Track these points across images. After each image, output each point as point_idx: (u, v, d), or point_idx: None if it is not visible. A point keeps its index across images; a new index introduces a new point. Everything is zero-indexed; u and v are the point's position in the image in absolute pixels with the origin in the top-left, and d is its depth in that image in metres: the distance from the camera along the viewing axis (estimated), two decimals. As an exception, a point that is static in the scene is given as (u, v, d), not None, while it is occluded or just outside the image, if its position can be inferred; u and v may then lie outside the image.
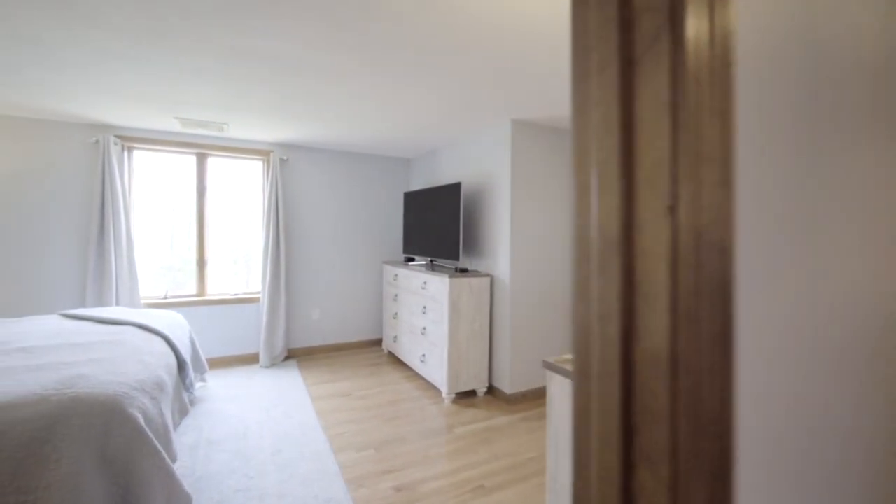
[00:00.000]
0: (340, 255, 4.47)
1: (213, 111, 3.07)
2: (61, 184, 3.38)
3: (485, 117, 3.11)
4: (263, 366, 3.88)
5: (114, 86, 2.55)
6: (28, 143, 3.28)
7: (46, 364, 1.77)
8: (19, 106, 2.97)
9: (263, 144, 4.08)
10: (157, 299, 3.73)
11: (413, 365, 3.67)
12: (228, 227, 4.12)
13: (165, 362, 2.09)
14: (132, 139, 3.61)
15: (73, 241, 3.41)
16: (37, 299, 3.30)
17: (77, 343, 2.07)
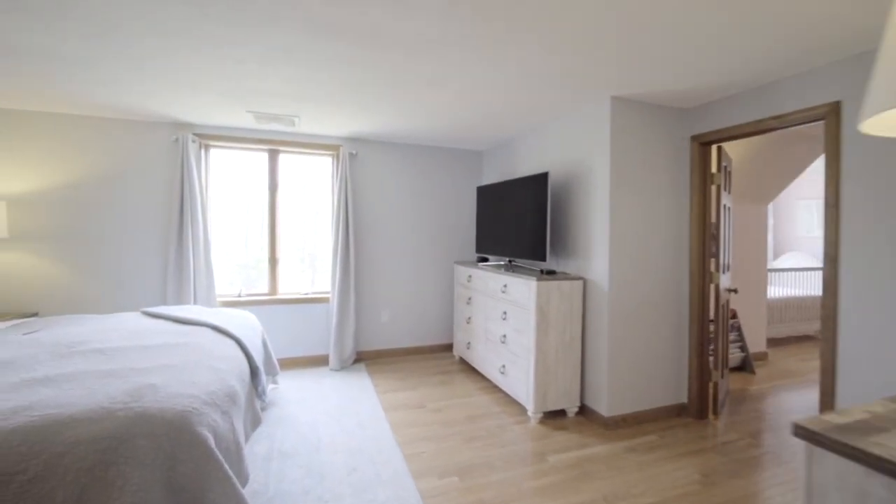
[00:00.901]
0: (409, 253, 4.23)
1: (284, 102, 2.93)
2: (146, 182, 3.43)
3: (578, 96, 2.68)
4: (333, 368, 3.73)
5: (189, 77, 2.46)
6: (116, 143, 3.36)
7: (117, 370, 1.64)
8: (108, 107, 3.01)
9: (333, 139, 3.94)
10: (231, 297, 3.71)
11: (490, 376, 3.32)
12: (298, 225, 4.03)
13: (238, 369, 1.91)
14: (209, 137, 3.60)
15: (155, 239, 3.46)
16: (123, 295, 3.38)
17: (151, 345, 1.96)
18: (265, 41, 1.99)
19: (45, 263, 3.20)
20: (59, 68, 2.33)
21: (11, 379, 1.56)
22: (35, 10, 1.72)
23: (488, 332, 3.36)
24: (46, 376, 1.57)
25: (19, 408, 1.31)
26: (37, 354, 1.82)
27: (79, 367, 1.67)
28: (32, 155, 3.16)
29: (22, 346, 1.93)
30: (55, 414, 1.28)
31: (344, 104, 2.95)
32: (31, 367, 1.69)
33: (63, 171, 3.23)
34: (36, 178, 3.18)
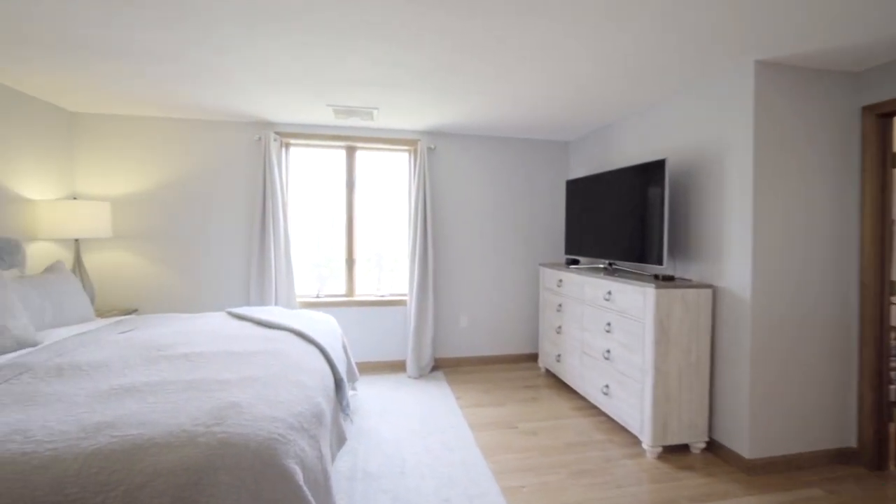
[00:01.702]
0: (490, 254, 3.92)
1: (364, 93, 2.75)
2: (231, 183, 3.46)
3: (709, 64, 2.19)
4: (411, 376, 3.52)
5: (269, 69, 2.34)
6: (204, 144, 3.41)
7: (201, 381, 1.50)
8: (197, 108, 3.04)
9: (410, 133, 3.74)
10: (309, 298, 3.64)
11: (588, 395, 2.90)
12: (374, 224, 3.88)
13: (323, 383, 1.72)
14: (289, 135, 3.56)
15: (239, 239, 3.47)
16: (210, 294, 3.43)
17: (235, 352, 1.82)
18: (351, 16, 1.78)
19: (143, 262, 3.33)
20: (152, 65, 2.32)
21: (101, 385, 1.47)
22: (140, 6, 1.65)
23: (585, 344, 2.94)
24: (133, 385, 1.47)
25: (102, 424, 1.18)
26: (128, 357, 1.75)
27: (164, 375, 1.56)
28: (131, 158, 3.29)
29: (117, 347, 1.89)
30: (135, 436, 1.13)
31: (426, 91, 2.70)
32: (122, 371, 1.61)
33: (157, 172, 3.34)
34: (134, 180, 3.31)
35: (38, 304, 2.17)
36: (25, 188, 2.77)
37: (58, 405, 1.32)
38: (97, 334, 2.09)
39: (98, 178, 3.25)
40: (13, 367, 1.60)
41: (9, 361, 1.66)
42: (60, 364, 1.65)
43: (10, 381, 1.49)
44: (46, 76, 2.47)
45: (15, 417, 1.23)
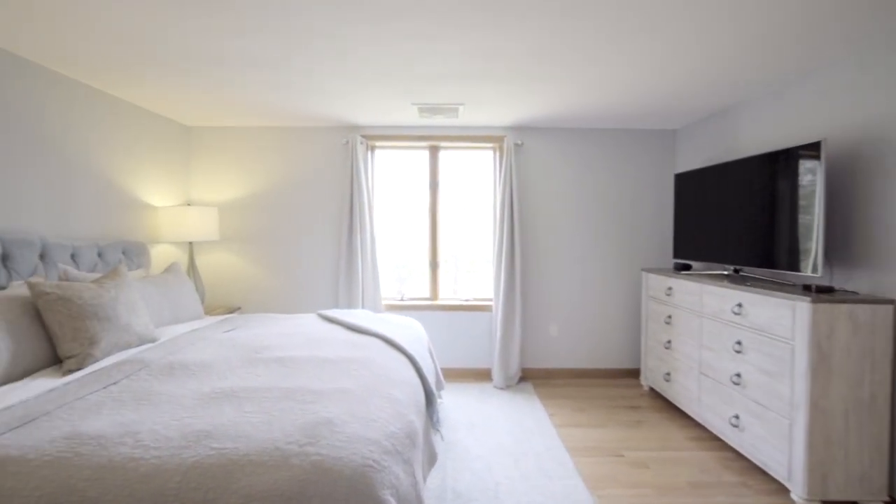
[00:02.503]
0: (583, 257, 3.58)
1: (450, 88, 2.62)
2: (320, 186, 3.55)
3: (884, 18, 1.69)
4: (497, 386, 3.33)
5: (359, 68, 2.30)
6: (296, 150, 3.54)
7: (295, 390, 1.45)
8: (290, 115, 3.15)
9: (496, 129, 3.55)
10: (393, 301, 3.61)
11: (709, 423, 2.47)
12: (457, 225, 3.76)
13: (415, 398, 1.60)
14: (374, 137, 3.56)
15: (329, 241, 3.55)
16: (303, 295, 3.55)
17: (326, 358, 1.78)
18: (432, 15, 1.63)
19: (245, 263, 3.54)
20: (255, 75, 2.41)
21: (205, 387, 1.49)
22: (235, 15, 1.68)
23: (705, 365, 2.51)
24: (232, 389, 1.46)
25: (202, 433, 1.16)
26: (230, 359, 1.78)
27: (260, 381, 1.54)
28: (235, 166, 3.53)
29: (221, 347, 1.95)
30: (231, 451, 1.08)
31: (516, 82, 2.49)
32: (223, 373, 1.63)
33: (256, 179, 3.53)
34: (237, 186, 3.54)
35: (158, 302, 2.36)
36: (150, 196, 3.07)
37: (166, 406, 1.34)
38: (204, 333, 2.20)
39: (208, 186, 3.53)
40: (134, 362, 1.70)
41: (131, 357, 1.77)
42: (172, 362, 1.72)
43: (130, 378, 1.58)
44: (164, 93, 2.69)
45: (129, 417, 1.26)
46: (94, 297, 1.82)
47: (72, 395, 1.41)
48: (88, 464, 1.05)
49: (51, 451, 1.09)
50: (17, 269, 1.97)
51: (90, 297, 1.80)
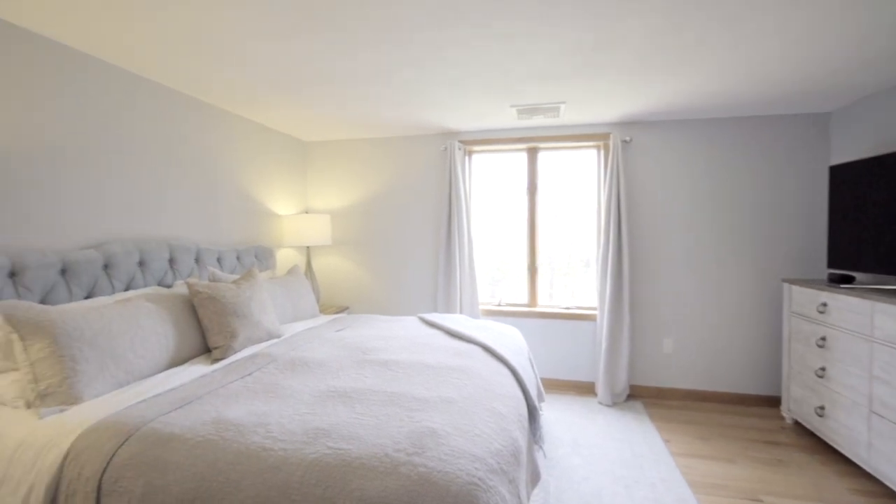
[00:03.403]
0: (705, 264, 3.16)
1: (551, 87, 2.50)
2: (420, 193, 3.67)
3: None
4: (603, 403, 3.10)
5: (458, 73, 2.31)
6: (398, 158, 3.70)
7: (400, 395, 1.49)
8: (392, 125, 3.31)
9: (600, 126, 3.31)
10: (491, 307, 3.58)
11: (885, 476, 1.98)
12: (553, 229, 3.59)
13: (518, 412, 1.54)
14: (471, 142, 3.57)
15: (428, 246, 3.65)
16: (404, 299, 3.70)
17: (428, 365, 1.81)
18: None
19: (353, 266, 3.81)
20: (366, 89, 2.56)
21: (321, 385, 1.61)
22: (343, 37, 1.80)
23: (879, 402, 2.02)
24: (344, 389, 1.55)
25: (320, 431, 1.24)
26: (341, 358, 1.91)
27: (368, 383, 1.62)
28: (344, 176, 3.81)
29: (333, 346, 2.11)
30: (345, 452, 1.14)
31: (626, 73, 2.28)
32: (336, 372, 1.75)
33: (362, 187, 3.77)
34: (347, 195, 3.82)
35: (282, 301, 2.64)
36: (275, 205, 3.46)
37: (290, 401, 1.47)
38: (319, 331, 2.40)
39: (322, 195, 3.87)
40: (264, 356, 1.91)
41: (261, 351, 2.00)
42: (294, 358, 1.90)
43: (261, 370, 1.77)
44: (284, 112, 3.00)
45: (261, 408, 1.41)
46: (233, 297, 2.09)
47: (216, 383, 1.62)
48: (231, 448, 1.19)
49: (203, 432, 1.26)
50: (180, 270, 2.36)
51: (231, 297, 2.08)
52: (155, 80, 2.35)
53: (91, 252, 1.92)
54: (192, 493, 1.10)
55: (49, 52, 1.86)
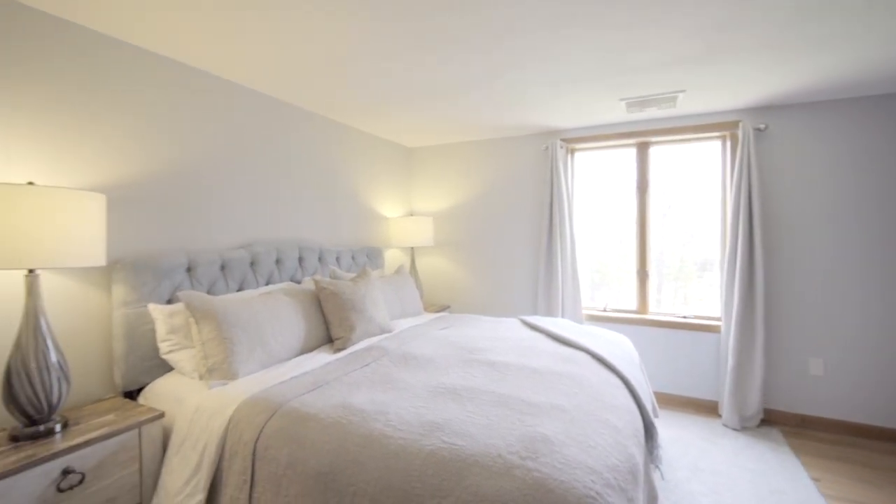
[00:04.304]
0: (865, 272, 2.62)
1: (666, 75, 2.30)
2: (520, 194, 3.63)
3: None
4: (729, 425, 2.75)
5: (562, 75, 2.23)
6: (497, 160, 3.71)
7: (508, 397, 1.49)
8: (493, 127, 3.33)
9: (727, 114, 2.95)
10: (595, 311, 3.40)
11: None
12: (667, 230, 3.28)
13: (633, 427, 1.44)
14: (574, 140, 3.44)
15: (528, 248, 3.60)
16: (503, 300, 3.70)
17: (535, 368, 1.78)
18: None
19: (453, 266, 3.93)
20: (467, 96, 2.63)
21: (431, 381, 1.69)
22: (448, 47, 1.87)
23: None
24: (454, 387, 1.61)
25: (434, 425, 1.30)
26: (448, 356, 1.98)
27: (476, 382, 1.65)
28: (445, 179, 3.94)
29: (439, 344, 2.20)
30: (459, 449, 1.18)
31: (767, 47, 1.98)
32: (444, 370, 1.82)
33: (463, 190, 3.86)
34: (448, 197, 3.94)
35: (391, 298, 2.82)
36: (384, 208, 3.71)
37: (405, 393, 1.57)
38: (425, 328, 2.52)
39: (425, 198, 4.05)
40: (378, 349, 2.07)
41: (375, 344, 2.16)
42: (405, 353, 2.02)
43: (377, 362, 1.92)
44: (391, 121, 3.20)
45: (380, 398, 1.53)
46: (352, 293, 2.30)
47: (340, 371, 1.80)
48: (357, 431, 1.31)
49: (333, 415, 1.40)
50: (307, 268, 2.67)
51: (350, 293, 2.29)
52: (292, 102, 2.69)
53: (242, 252, 2.27)
54: (327, 468, 1.24)
55: (208, 83, 2.25)
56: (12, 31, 1.55)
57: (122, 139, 1.87)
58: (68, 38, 1.70)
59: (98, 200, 1.50)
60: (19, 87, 1.57)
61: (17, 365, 1.37)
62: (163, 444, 1.61)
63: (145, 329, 1.82)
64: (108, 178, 1.82)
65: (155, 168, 1.99)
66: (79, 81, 1.73)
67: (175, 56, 2.03)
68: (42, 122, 1.63)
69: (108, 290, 1.81)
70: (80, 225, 1.42)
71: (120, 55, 1.86)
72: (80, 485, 1.37)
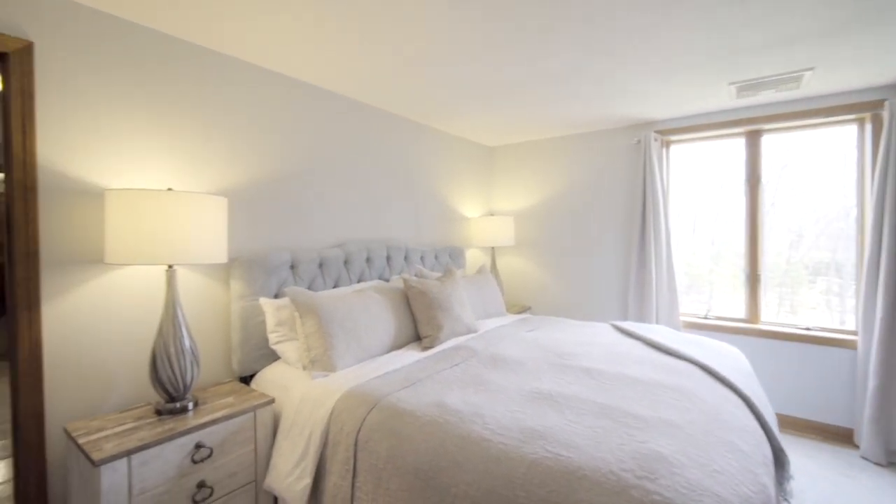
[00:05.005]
0: None
1: (791, 51, 2.01)
2: (607, 191, 3.42)
3: None
4: (869, 458, 2.34)
5: (665, 60, 2.04)
6: (581, 156, 3.53)
7: (611, 408, 1.39)
8: (579, 122, 3.17)
9: (866, 93, 2.51)
10: (695, 318, 3.10)
11: None
12: (776, 230, 2.88)
13: (762, 454, 1.27)
14: (670, 131, 3.16)
15: (617, 248, 3.39)
16: (589, 303, 3.52)
17: (636, 378, 1.65)
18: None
19: (534, 267, 3.82)
20: (548, 91, 2.53)
21: (524, 385, 1.64)
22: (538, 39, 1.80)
23: None
24: (549, 393, 1.54)
25: (535, 433, 1.26)
26: (538, 359, 1.92)
27: (573, 389, 1.57)
28: (527, 178, 3.84)
29: (527, 346, 2.14)
30: (566, 460, 1.12)
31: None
32: (536, 374, 1.76)
33: (545, 188, 3.73)
34: (529, 196, 3.84)
35: (475, 298, 2.81)
36: (464, 208, 3.72)
37: (499, 396, 1.53)
38: (511, 330, 2.47)
39: (505, 197, 3.99)
40: (466, 349, 2.06)
41: (462, 344, 2.16)
42: (494, 354, 1.99)
43: (466, 362, 1.91)
44: (473, 121, 3.18)
45: (473, 399, 1.51)
46: (439, 292, 2.32)
47: (431, 369, 1.82)
48: (454, 432, 1.30)
49: (429, 413, 1.42)
50: (394, 266, 2.75)
51: (437, 292, 2.31)
52: (376, 105, 2.79)
53: (337, 250, 2.40)
54: (426, 465, 1.25)
55: (304, 91, 2.40)
56: (150, 56, 1.78)
57: (235, 146, 2.07)
58: (192, 58, 1.91)
59: (221, 203, 1.66)
60: (158, 107, 1.80)
61: (160, 349, 1.57)
62: (273, 427, 1.75)
63: (257, 321, 2.00)
64: (225, 182, 2.03)
65: (262, 172, 2.18)
66: (197, 94, 1.93)
67: (278, 69, 2.19)
68: (175, 134, 1.85)
69: (226, 284, 2.01)
70: (209, 225, 1.59)
71: (231, 70, 2.05)
72: (209, 458, 1.53)
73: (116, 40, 1.68)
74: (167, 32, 1.81)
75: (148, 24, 1.75)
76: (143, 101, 1.75)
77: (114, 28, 1.67)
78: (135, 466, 1.35)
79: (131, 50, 1.72)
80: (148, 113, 1.76)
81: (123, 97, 1.70)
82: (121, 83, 1.69)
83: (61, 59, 1.55)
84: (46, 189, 1.52)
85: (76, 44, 1.58)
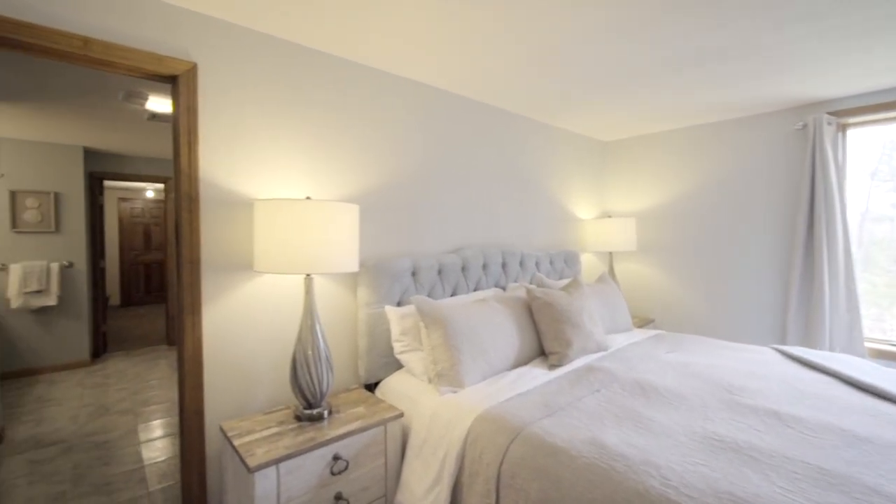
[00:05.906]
0: None
1: None
2: (756, 186, 2.89)
3: None
4: None
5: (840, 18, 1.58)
6: (719, 148, 3.03)
7: (838, 477, 1.07)
8: (715, 108, 2.70)
9: None
10: (886, 345, 2.47)
11: None
12: None
13: None
14: (849, 112, 2.55)
15: (766, 254, 2.85)
16: (731, 319, 3.01)
17: (856, 435, 1.28)
18: None
19: (658, 274, 3.39)
20: (679, 76, 2.16)
21: (693, 426, 1.37)
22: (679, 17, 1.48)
23: None
24: (735, 442, 1.26)
25: (736, 499, 0.99)
26: (701, 394, 1.62)
27: (767, 441, 1.26)
28: (648, 174, 3.41)
29: (678, 373, 1.84)
30: (806, 552, 0.85)
31: None
32: (703, 412, 1.47)
33: (673, 185, 3.28)
34: (653, 194, 3.41)
35: (599, 311, 2.53)
36: (577, 209, 3.43)
37: (666, 440, 1.29)
38: (648, 349, 2.17)
39: (622, 197, 3.61)
40: (602, 372, 1.83)
41: (594, 364, 1.92)
42: (639, 381, 1.73)
43: (608, 388, 1.68)
44: (585, 114, 2.87)
45: (635, 440, 1.28)
46: (567, 304, 2.10)
47: (570, 395, 1.62)
48: (626, 485, 1.10)
49: (585, 453, 1.22)
50: (509, 273, 2.59)
51: (565, 304, 2.10)
52: (491, 103, 2.64)
53: (454, 256, 2.31)
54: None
55: (419, 91, 2.33)
56: (293, 69, 1.82)
57: (362, 153, 2.06)
58: (328, 67, 1.93)
59: (354, 210, 1.63)
60: (300, 116, 1.84)
61: (300, 355, 1.58)
62: (402, 441, 1.69)
63: (382, 329, 1.97)
64: (353, 189, 2.03)
65: (383, 177, 2.15)
66: (331, 102, 1.95)
67: (402, 73, 2.15)
68: (311, 144, 1.88)
69: (353, 291, 2.01)
70: (343, 232, 1.57)
71: (358, 76, 2.04)
72: (346, 470, 1.51)
73: (264, 56, 1.74)
74: (307, 45, 1.84)
75: (292, 39, 1.79)
76: (286, 111, 1.80)
77: (260, 44, 1.73)
78: (282, 475, 1.36)
79: (278, 64, 1.77)
80: (290, 122, 1.81)
81: (270, 108, 1.76)
82: (268, 96, 1.75)
83: (219, 77, 1.63)
84: (206, 200, 1.61)
85: (231, 61, 1.66)
